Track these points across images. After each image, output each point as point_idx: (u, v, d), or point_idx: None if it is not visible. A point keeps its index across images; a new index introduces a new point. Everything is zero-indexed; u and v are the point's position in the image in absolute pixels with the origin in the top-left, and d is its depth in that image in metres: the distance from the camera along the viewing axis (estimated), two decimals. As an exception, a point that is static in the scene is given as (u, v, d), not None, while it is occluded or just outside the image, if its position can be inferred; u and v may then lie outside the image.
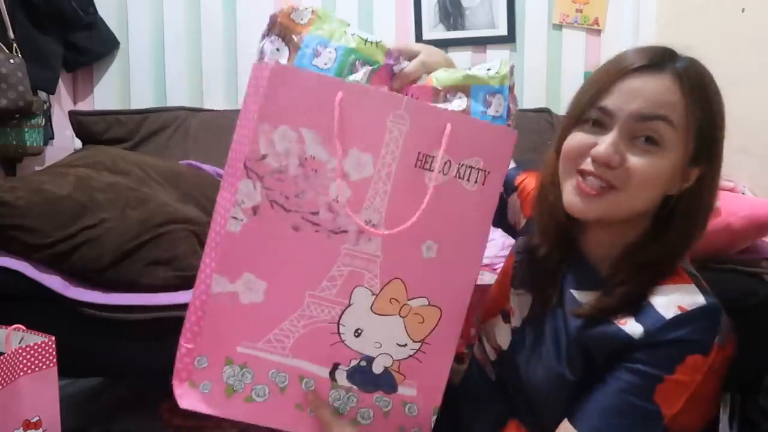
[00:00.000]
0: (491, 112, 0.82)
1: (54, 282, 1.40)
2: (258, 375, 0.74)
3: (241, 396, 0.74)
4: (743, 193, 1.41)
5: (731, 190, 1.36)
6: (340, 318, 0.74)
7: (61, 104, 2.31)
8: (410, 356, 0.77)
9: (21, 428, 1.22)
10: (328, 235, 0.72)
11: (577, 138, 0.75)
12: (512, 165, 0.97)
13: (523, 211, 0.96)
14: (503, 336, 0.86)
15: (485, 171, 0.76)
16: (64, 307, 1.31)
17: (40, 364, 0.98)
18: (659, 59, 0.72)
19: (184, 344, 0.75)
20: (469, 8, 2.26)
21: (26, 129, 1.96)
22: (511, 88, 0.85)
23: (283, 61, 0.79)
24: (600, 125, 0.74)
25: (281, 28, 0.80)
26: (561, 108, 2.19)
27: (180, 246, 1.42)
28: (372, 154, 0.72)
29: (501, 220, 1.00)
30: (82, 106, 2.36)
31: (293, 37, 0.79)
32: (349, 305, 0.74)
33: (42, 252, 1.41)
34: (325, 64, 0.78)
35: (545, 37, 2.26)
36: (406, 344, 0.76)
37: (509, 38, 2.25)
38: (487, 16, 2.26)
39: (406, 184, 0.73)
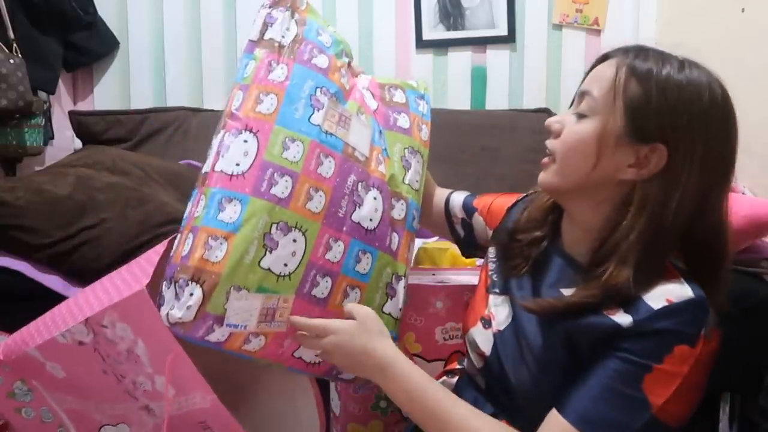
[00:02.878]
0: (420, 109, 1.07)
1: (54, 282, 1.40)
2: (34, 402, 0.92)
3: (15, 404, 0.92)
4: (743, 193, 1.41)
5: (731, 190, 1.35)
6: (105, 425, 0.94)
7: (61, 104, 2.32)
8: None
9: (21, 428, 1.22)
10: (126, 389, 0.89)
11: None
12: (467, 193, 1.09)
13: (488, 225, 1.03)
14: (485, 342, 0.87)
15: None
16: (64, 307, 1.31)
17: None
18: (616, 51, 0.78)
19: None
20: (469, 8, 2.26)
21: (26, 129, 1.96)
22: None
23: (293, 32, 0.99)
24: None
25: (291, 3, 1.01)
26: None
27: (180, 246, 1.43)
28: (176, 391, 0.88)
29: (470, 244, 1.09)
30: (82, 106, 2.36)
31: (296, 14, 1.00)
32: (115, 426, 0.94)
33: (42, 252, 1.41)
34: (326, 42, 1.00)
35: (545, 37, 2.26)
36: None
37: (509, 38, 2.25)
38: (487, 16, 2.26)
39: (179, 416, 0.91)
